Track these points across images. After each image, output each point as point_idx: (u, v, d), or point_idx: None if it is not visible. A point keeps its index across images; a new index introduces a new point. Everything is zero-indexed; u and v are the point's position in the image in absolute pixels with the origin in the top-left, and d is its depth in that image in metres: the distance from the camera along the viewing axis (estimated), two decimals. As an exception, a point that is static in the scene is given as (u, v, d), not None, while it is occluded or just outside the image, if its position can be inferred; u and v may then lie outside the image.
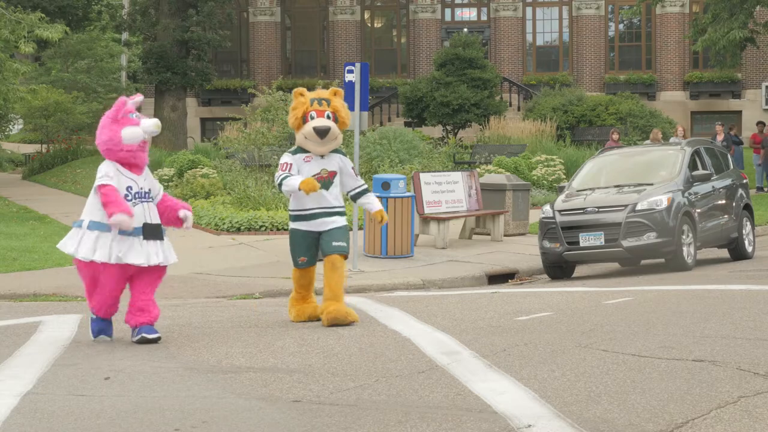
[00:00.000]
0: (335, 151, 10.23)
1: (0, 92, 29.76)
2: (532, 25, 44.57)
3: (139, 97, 9.54)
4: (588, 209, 16.40)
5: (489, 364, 7.84)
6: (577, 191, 17.21)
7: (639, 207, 16.17)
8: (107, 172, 9.08)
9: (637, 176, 17.34)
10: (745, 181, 19.23)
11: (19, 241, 19.24)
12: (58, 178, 33.54)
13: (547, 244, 16.63)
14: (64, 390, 7.27)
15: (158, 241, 9.25)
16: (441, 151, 31.46)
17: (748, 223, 18.50)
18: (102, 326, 9.53)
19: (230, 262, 17.52)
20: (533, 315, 10.71)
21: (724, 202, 17.90)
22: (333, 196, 10.23)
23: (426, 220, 19.53)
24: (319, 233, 10.19)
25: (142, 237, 9.13)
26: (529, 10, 44.43)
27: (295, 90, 10.34)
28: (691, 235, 16.50)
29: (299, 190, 9.82)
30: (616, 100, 37.75)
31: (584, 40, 43.81)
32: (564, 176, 28.29)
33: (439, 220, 19.46)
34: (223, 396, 7.08)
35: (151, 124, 9.22)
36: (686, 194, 16.76)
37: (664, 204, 16.20)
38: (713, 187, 17.66)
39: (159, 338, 9.33)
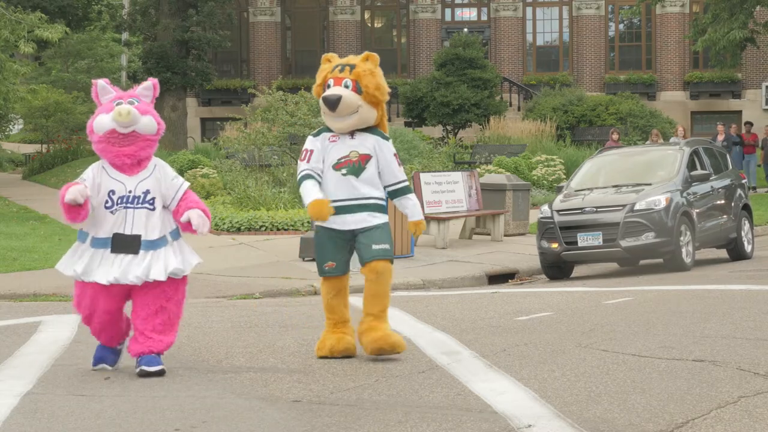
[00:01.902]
0: (373, 131, 8.26)
1: (0, 92, 29.77)
2: (532, 25, 44.57)
3: (148, 82, 7.98)
4: (586, 209, 16.35)
5: (489, 364, 7.84)
6: (576, 191, 17.15)
7: (637, 207, 16.12)
8: (87, 174, 7.71)
9: (636, 176, 17.27)
10: (744, 181, 19.23)
11: (19, 241, 19.24)
12: (58, 178, 33.53)
13: (545, 244, 16.57)
14: (64, 390, 7.27)
15: (148, 254, 7.63)
16: (441, 151, 31.46)
17: (747, 223, 18.44)
18: (103, 354, 8.09)
19: (230, 262, 17.52)
20: (533, 315, 10.71)
21: (722, 202, 17.85)
22: (367, 184, 8.14)
23: (426, 220, 19.53)
24: (353, 233, 8.11)
25: (109, 250, 7.61)
26: (529, 10, 44.43)
27: (324, 55, 8.67)
28: (689, 235, 16.45)
29: (308, 210, 8.03)
30: (616, 100, 37.77)
31: (584, 40, 43.81)
32: (564, 176, 28.28)
33: (439, 220, 19.47)
34: (223, 396, 7.08)
35: (114, 113, 7.61)
36: (685, 194, 16.72)
37: (663, 204, 16.16)
38: (712, 187, 17.61)
39: (162, 371, 7.75)
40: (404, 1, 45.34)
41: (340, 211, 8.05)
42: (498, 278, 16.83)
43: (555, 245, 16.39)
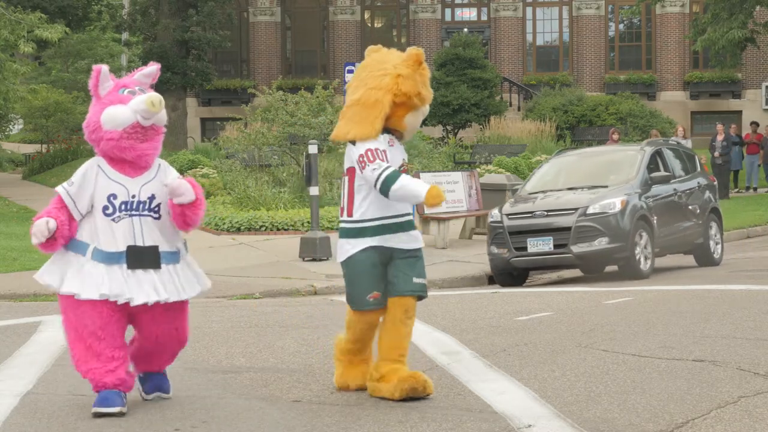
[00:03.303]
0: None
1: (0, 92, 29.78)
2: (532, 25, 44.57)
3: (149, 68, 6.80)
4: (537, 213, 15.50)
5: (489, 364, 7.84)
6: (530, 194, 16.32)
7: (590, 210, 15.24)
8: (77, 175, 6.51)
9: (594, 178, 16.38)
10: (714, 183, 18.28)
11: (19, 241, 19.23)
12: (58, 178, 33.52)
13: (494, 249, 15.75)
14: (64, 390, 7.27)
15: (168, 270, 6.52)
16: (441, 151, 31.46)
17: (716, 227, 17.43)
18: (105, 395, 6.44)
19: (230, 262, 17.51)
20: (533, 315, 10.71)
21: (687, 205, 16.91)
22: None
23: (426, 220, 19.52)
24: (392, 253, 6.80)
25: (125, 265, 6.40)
26: (529, 10, 44.43)
27: (370, 48, 7.28)
28: (647, 240, 15.55)
29: (423, 202, 6.54)
30: (616, 100, 37.80)
31: (584, 40, 43.81)
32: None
33: (439, 220, 19.46)
34: (223, 396, 7.08)
35: (140, 101, 6.41)
36: (644, 197, 15.85)
37: (618, 207, 15.26)
38: (675, 189, 16.69)
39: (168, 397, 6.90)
40: (404, 1, 45.34)
41: (394, 228, 6.77)
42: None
43: (504, 251, 15.57)
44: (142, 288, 6.40)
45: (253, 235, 20.88)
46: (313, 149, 17.84)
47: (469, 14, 45.45)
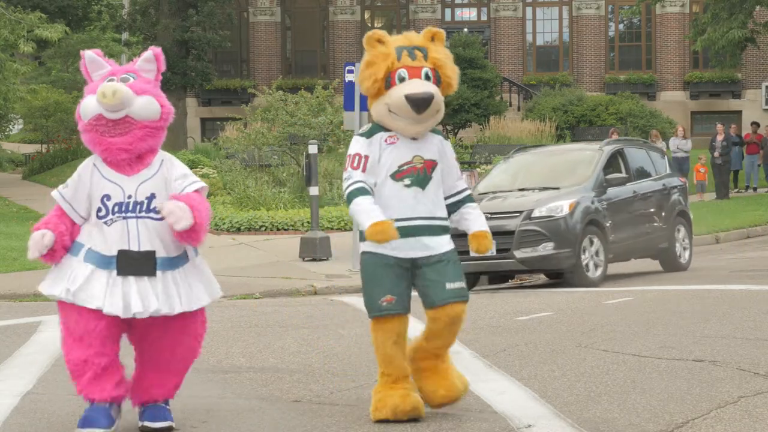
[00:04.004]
0: (434, 131, 6.45)
1: (0, 92, 29.77)
2: (532, 25, 44.56)
3: (147, 52, 6.46)
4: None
5: (489, 364, 7.84)
6: (480, 194, 15.45)
7: (535, 214, 14.47)
8: (73, 176, 6.04)
9: (548, 179, 15.60)
10: (683, 185, 17.42)
11: (19, 241, 19.22)
12: (58, 178, 33.51)
13: None
14: (64, 390, 7.26)
15: (166, 278, 5.84)
16: (441, 151, 31.42)
17: (683, 231, 16.70)
18: (89, 414, 5.93)
19: (230, 262, 17.51)
20: (533, 315, 10.71)
21: (649, 208, 16.21)
22: (433, 199, 6.30)
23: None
24: (413, 263, 6.23)
25: (115, 272, 5.80)
26: (529, 10, 44.42)
27: (371, 34, 6.32)
28: (599, 245, 14.79)
29: (364, 234, 6.07)
30: (616, 100, 37.80)
31: (584, 40, 43.81)
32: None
33: (439, 220, 19.40)
34: (223, 396, 7.08)
35: (98, 93, 5.85)
36: (597, 200, 15.09)
37: (565, 211, 14.47)
38: (635, 191, 15.94)
39: (170, 428, 6.10)
40: (404, 1, 45.34)
41: (404, 233, 6.12)
42: (498, 278, 16.78)
43: None
44: (129, 298, 5.74)
45: (253, 235, 20.89)
46: (313, 149, 17.85)
47: (469, 14, 45.44)
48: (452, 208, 6.42)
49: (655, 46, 43.62)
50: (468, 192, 6.52)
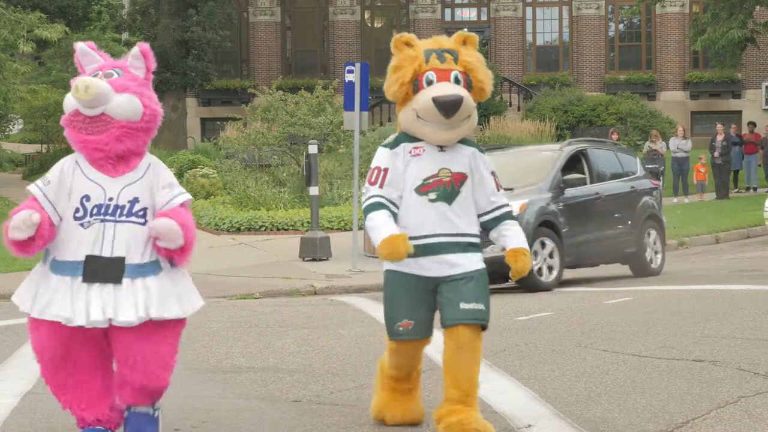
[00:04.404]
0: (466, 141, 6.04)
1: (0, 92, 29.78)
2: (532, 25, 44.57)
3: (134, 49, 5.74)
4: None
5: (489, 364, 7.84)
6: None
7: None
8: (54, 172, 5.68)
9: (504, 180, 14.84)
10: (656, 188, 16.93)
11: (19, 241, 19.24)
12: (58, 178, 33.52)
13: None
14: (64, 390, 7.26)
15: (135, 285, 5.36)
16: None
17: (654, 234, 16.20)
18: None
19: (230, 262, 17.52)
20: (533, 315, 10.71)
21: (615, 211, 15.70)
22: (461, 215, 5.89)
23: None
24: (437, 282, 5.84)
25: (80, 278, 5.35)
26: (529, 10, 44.43)
27: (399, 37, 6.00)
28: (554, 249, 14.25)
29: (379, 249, 5.68)
30: (616, 100, 37.81)
31: (584, 40, 43.82)
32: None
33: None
34: (223, 396, 7.08)
35: (72, 87, 5.45)
36: (553, 201, 14.53)
37: (515, 212, 13.73)
38: (598, 193, 15.45)
39: None
40: (404, 1, 45.34)
41: (422, 251, 5.75)
42: (498, 278, 16.66)
43: None
44: (91, 306, 5.29)
45: (253, 235, 20.89)
46: (313, 149, 17.85)
47: (469, 14, 45.45)
48: (490, 225, 6.06)
49: (655, 46, 43.63)
50: (507, 208, 6.11)
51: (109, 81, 5.47)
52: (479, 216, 6.00)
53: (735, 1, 31.48)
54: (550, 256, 14.26)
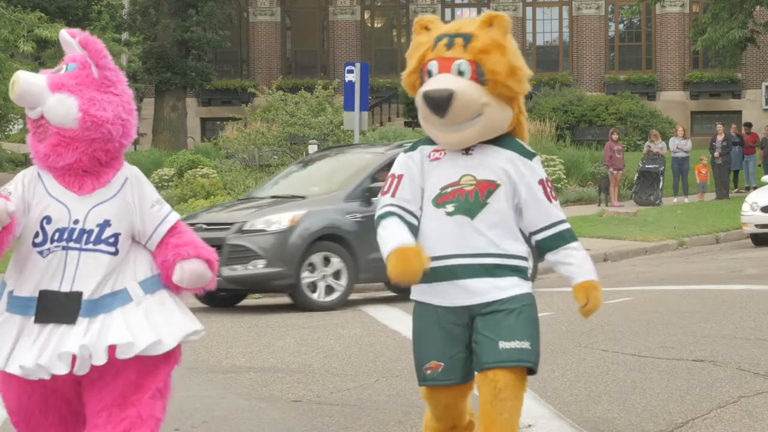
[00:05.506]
0: (505, 143, 4.91)
1: (0, 92, 29.78)
2: (532, 25, 44.57)
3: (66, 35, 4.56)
4: (198, 225, 12.61)
5: (489, 364, 7.83)
6: (248, 198, 14.40)
7: (247, 227, 12.62)
8: (14, 181, 4.50)
9: (310, 186, 13.91)
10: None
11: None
12: (58, 178, 33.51)
13: None
14: (64, 390, 7.26)
15: (96, 322, 4.31)
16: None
17: None
18: None
19: (230, 262, 17.48)
20: (533, 315, 10.70)
21: None
22: (491, 230, 4.70)
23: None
24: (472, 314, 4.70)
25: (33, 318, 4.34)
26: (529, 10, 44.43)
27: (419, 20, 5.18)
28: (341, 266, 12.67)
29: (387, 266, 4.57)
30: (616, 100, 37.82)
31: (584, 40, 43.82)
32: (564, 176, 28.32)
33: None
34: (223, 396, 7.08)
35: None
36: (348, 213, 12.94)
37: (284, 224, 12.57)
38: None
39: None
40: (404, 1, 45.35)
41: (441, 275, 4.65)
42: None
43: None
44: (45, 351, 4.28)
45: (253, 235, 20.86)
46: (313, 149, 17.86)
47: (469, 14, 45.46)
48: (547, 246, 4.83)
49: (655, 46, 43.62)
50: (566, 225, 4.85)
51: (51, 76, 4.45)
52: (532, 234, 4.82)
53: (735, 1, 31.48)
54: (335, 274, 12.70)
